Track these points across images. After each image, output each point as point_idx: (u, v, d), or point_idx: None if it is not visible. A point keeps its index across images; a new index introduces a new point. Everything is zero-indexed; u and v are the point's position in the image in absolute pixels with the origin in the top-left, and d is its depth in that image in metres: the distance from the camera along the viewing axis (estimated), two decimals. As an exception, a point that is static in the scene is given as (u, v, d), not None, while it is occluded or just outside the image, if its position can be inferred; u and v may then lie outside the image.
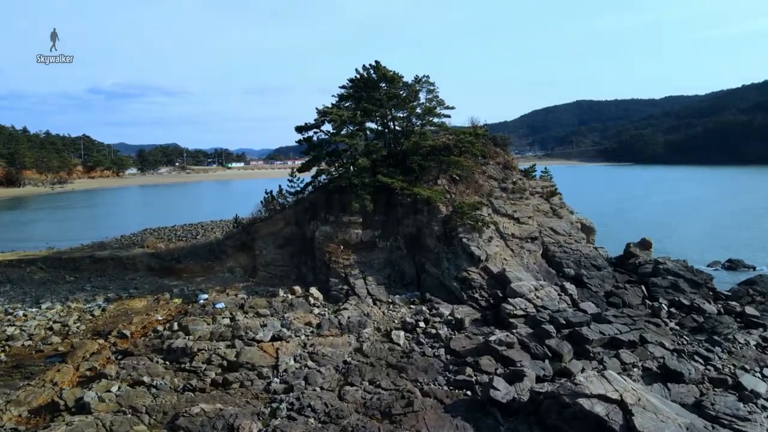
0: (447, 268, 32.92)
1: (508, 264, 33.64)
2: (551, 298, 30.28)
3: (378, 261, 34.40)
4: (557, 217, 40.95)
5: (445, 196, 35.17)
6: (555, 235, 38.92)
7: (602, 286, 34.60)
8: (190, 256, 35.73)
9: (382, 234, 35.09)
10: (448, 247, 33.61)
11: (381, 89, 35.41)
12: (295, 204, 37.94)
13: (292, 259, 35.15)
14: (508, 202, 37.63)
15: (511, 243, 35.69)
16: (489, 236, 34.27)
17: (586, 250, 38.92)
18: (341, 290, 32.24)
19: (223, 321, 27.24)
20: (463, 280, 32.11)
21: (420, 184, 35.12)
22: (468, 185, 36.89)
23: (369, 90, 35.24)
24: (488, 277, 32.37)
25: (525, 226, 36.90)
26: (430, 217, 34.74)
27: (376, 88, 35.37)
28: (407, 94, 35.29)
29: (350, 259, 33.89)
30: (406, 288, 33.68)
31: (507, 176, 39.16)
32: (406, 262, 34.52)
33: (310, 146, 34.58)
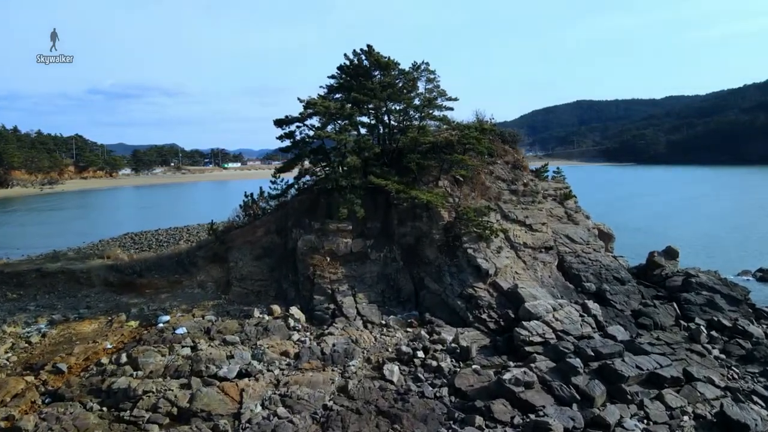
0: (450, 284, 28.38)
1: (521, 278, 29.12)
2: (572, 321, 25.75)
3: (370, 275, 29.85)
4: (573, 223, 36.44)
5: (447, 199, 30.64)
6: (571, 243, 34.41)
7: (628, 303, 30.10)
8: (155, 268, 31.21)
9: (375, 244, 30.54)
10: (451, 259, 29.06)
11: (374, 78, 30.88)
12: (276, 209, 33.38)
13: (271, 272, 30.58)
14: (518, 207, 33.11)
15: (523, 254, 31.18)
16: (498, 246, 29.76)
17: (607, 260, 34.41)
18: (327, 310, 27.69)
19: (182, 351, 22.70)
20: (468, 298, 27.58)
21: (418, 186, 30.59)
22: (473, 187, 32.37)
23: (360, 78, 30.69)
24: (498, 295, 27.85)
25: (538, 234, 32.38)
26: (430, 224, 30.21)
27: (369, 76, 30.84)
28: (404, 83, 30.75)
29: (338, 273, 29.34)
30: (403, 306, 29.15)
31: (517, 177, 34.65)
32: (403, 276, 29.97)
33: (292, 143, 30.01)
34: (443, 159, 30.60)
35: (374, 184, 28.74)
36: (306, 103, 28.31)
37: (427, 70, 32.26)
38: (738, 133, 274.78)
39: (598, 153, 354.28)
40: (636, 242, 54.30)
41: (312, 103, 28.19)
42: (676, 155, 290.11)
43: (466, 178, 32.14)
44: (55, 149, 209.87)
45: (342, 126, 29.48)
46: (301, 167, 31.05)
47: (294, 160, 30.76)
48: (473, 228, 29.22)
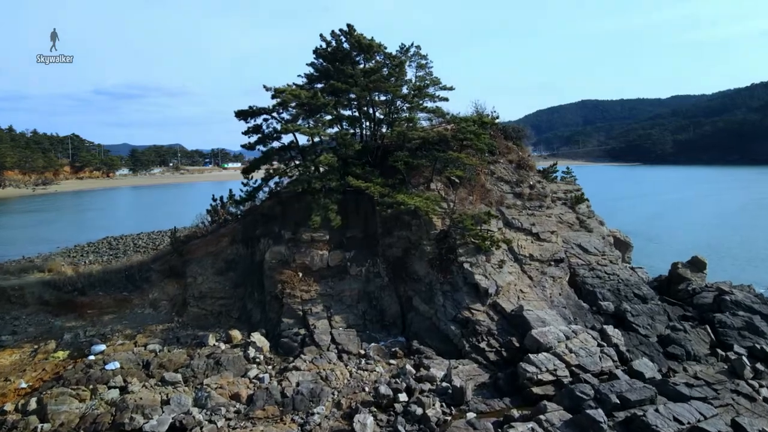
0: (442, 305, 23.96)
1: (527, 298, 24.68)
2: (589, 352, 21.28)
3: (350, 293, 25.46)
4: (586, 230, 31.97)
5: (441, 205, 26.21)
6: (584, 254, 29.95)
7: (653, 326, 25.61)
8: (101, 284, 26.91)
9: (357, 256, 26.14)
10: (444, 276, 24.63)
11: (357, 63, 26.46)
12: (244, 215, 28.97)
13: (235, 289, 26.22)
14: (523, 213, 28.65)
15: (530, 268, 26.73)
16: (500, 259, 25.31)
17: (625, 273, 29.94)
18: (296, 336, 23.33)
19: (108, 394, 18.37)
20: (464, 323, 23.17)
21: (406, 188, 26.19)
22: (471, 190, 27.94)
23: (339, 64, 26.30)
24: (499, 318, 23.43)
25: (547, 245, 27.91)
26: (420, 234, 25.80)
27: (350, 61, 26.44)
28: (390, 69, 26.30)
29: (311, 291, 24.97)
30: (387, 331, 24.78)
31: (522, 178, 30.18)
32: (388, 294, 25.57)
33: (259, 138, 25.59)
34: (436, 157, 26.15)
35: (354, 187, 24.33)
36: (274, 91, 23.88)
37: (418, 54, 27.88)
38: (747, 132, 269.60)
39: (603, 153, 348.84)
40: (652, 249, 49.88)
41: (280, 91, 23.78)
42: (683, 155, 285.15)
43: (463, 180, 27.71)
44: (51, 149, 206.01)
45: (317, 119, 25.07)
46: (270, 167, 26.64)
47: (262, 159, 26.35)
48: (470, 238, 24.80)
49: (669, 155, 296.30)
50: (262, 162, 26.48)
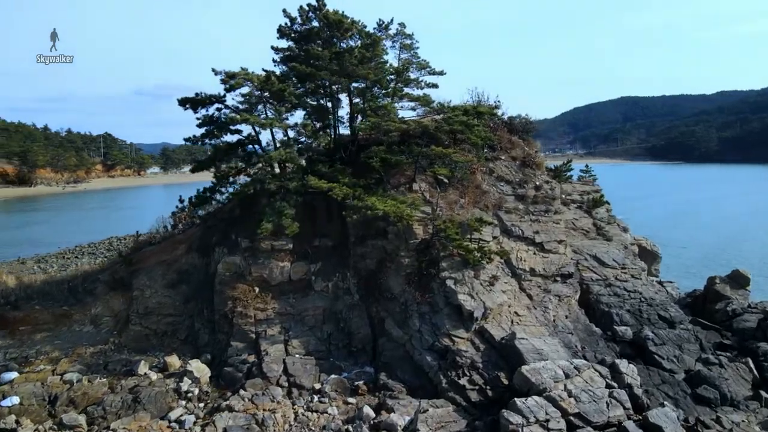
0: (417, 331, 19.96)
1: (523, 323, 20.44)
2: (594, 396, 16.99)
3: (313, 313, 21.72)
4: (604, 239, 27.42)
5: (424, 209, 22.17)
6: (600, 267, 25.44)
7: (681, 359, 21.05)
8: (39, 296, 23.93)
9: (324, 269, 22.37)
10: (423, 294, 20.61)
11: (330, 43, 22.63)
12: (204, 219, 25.48)
13: (186, 305, 22.77)
14: (526, 219, 24.36)
15: (530, 285, 22.46)
16: (492, 275, 21.14)
17: (650, 290, 25.32)
18: (242, 365, 19.72)
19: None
20: (442, 353, 19.15)
21: (384, 189, 22.28)
22: (464, 192, 23.81)
23: (305, 43, 22.55)
24: (486, 348, 19.29)
25: (553, 257, 23.57)
26: (397, 244, 21.84)
27: (321, 41, 22.64)
28: (361, 49, 22.33)
29: (268, 310, 21.33)
30: (355, 358, 20.94)
31: (527, 178, 25.85)
32: (358, 315, 21.70)
33: (207, 131, 22.00)
34: (416, 153, 22.14)
35: (315, 188, 20.55)
36: (224, 74, 20.26)
37: (402, 33, 23.91)
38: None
39: (643, 151, 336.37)
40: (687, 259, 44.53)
41: (231, 75, 20.14)
42: (729, 153, 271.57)
43: (453, 180, 23.61)
44: (84, 148, 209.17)
45: (277, 108, 21.37)
46: (218, 165, 23.03)
47: (213, 157, 22.74)
48: (457, 250, 20.72)
49: (714, 153, 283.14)
50: (213, 161, 22.84)
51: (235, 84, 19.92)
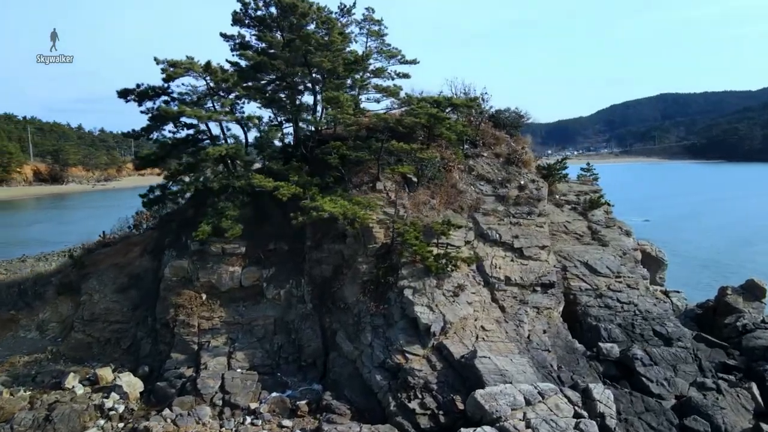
0: (369, 345, 18.00)
1: (490, 338, 18.25)
2: (557, 427, 14.76)
3: (263, 323, 20.00)
4: (599, 243, 24.93)
5: (387, 211, 20.18)
6: (592, 276, 22.99)
7: (672, 382, 18.57)
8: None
9: (277, 275, 20.61)
10: (378, 305, 18.64)
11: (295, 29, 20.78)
12: (161, 220, 23.99)
13: (134, 312, 21.33)
14: (506, 221, 22.09)
15: (504, 295, 20.22)
16: (458, 284, 18.99)
17: (648, 302, 22.75)
18: (178, 379, 18.14)
19: None
20: (394, 372, 17.14)
21: (343, 189, 20.40)
22: (436, 192, 21.71)
23: (264, 30, 20.76)
24: (444, 367, 17.20)
25: (533, 264, 21.24)
26: (356, 249, 19.93)
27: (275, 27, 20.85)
28: (325, 35, 20.43)
29: (214, 319, 19.70)
30: (304, 374, 19.13)
31: (511, 177, 23.54)
32: (310, 326, 19.86)
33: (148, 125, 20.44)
34: (377, 149, 20.14)
35: (260, 187, 18.78)
36: (166, 64, 18.67)
37: (371, 19, 21.95)
38: None
39: (682, 150, 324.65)
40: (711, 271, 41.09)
41: (173, 63, 18.54)
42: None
43: (423, 178, 21.54)
44: (115, 146, 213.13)
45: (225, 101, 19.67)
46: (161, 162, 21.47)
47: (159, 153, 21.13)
48: (419, 256, 18.67)
49: (757, 152, 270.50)
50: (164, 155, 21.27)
51: (174, 73, 18.32)
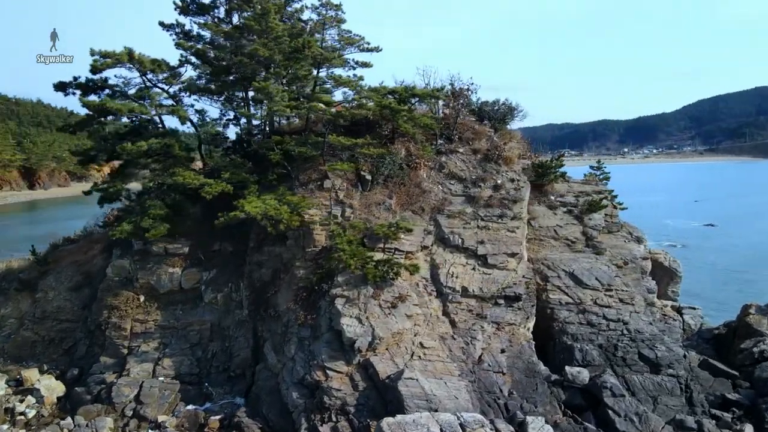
0: (291, 359, 16.44)
1: (428, 356, 16.20)
2: (470, 468, 12.56)
3: (199, 328, 18.90)
4: (593, 251, 22.03)
5: (331, 211, 18.52)
6: (576, 288, 20.23)
7: (645, 420, 15.83)
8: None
9: (217, 277, 19.43)
10: (307, 315, 17.02)
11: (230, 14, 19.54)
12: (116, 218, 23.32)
13: (84, 310, 20.83)
14: (472, 225, 19.78)
15: (458, 308, 18.01)
16: (398, 294, 17.00)
17: (641, 320, 19.75)
18: (98, 384, 17.37)
19: None
20: (312, 389, 15.47)
21: (288, 188, 18.92)
22: (394, 191, 19.78)
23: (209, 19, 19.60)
24: (367, 387, 15.36)
25: (498, 274, 18.82)
26: (295, 252, 18.40)
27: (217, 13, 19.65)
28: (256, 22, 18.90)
29: (149, 322, 18.80)
30: (231, 385, 17.87)
31: (486, 175, 21.15)
32: (243, 334, 18.57)
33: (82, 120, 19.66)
34: (314, 143, 18.48)
35: (187, 184, 17.63)
36: (99, 55, 17.88)
37: (328, 4, 20.30)
38: None
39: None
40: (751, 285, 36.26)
41: (105, 54, 17.73)
42: None
43: (377, 176, 19.67)
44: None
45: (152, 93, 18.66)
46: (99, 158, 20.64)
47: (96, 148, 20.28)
48: (353, 261, 16.89)
49: None
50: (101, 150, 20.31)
51: (102, 65, 17.50)
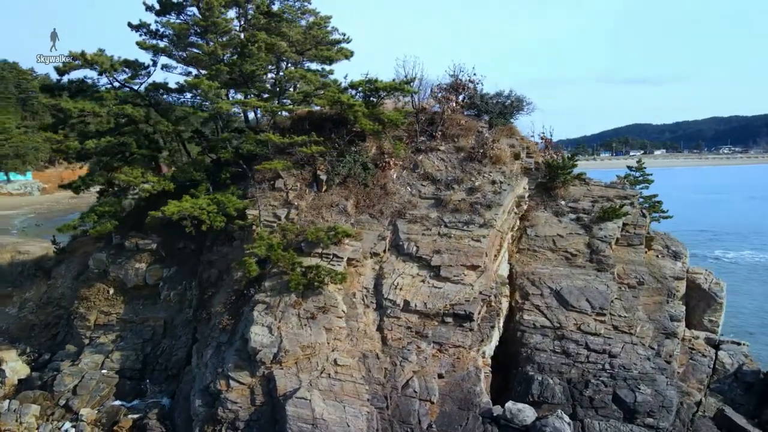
0: (205, 364, 15.90)
1: (338, 375, 14.79)
2: None
3: (153, 324, 19.19)
4: (595, 267, 18.75)
5: (278, 212, 17.70)
6: (559, 309, 17.37)
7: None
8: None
9: (176, 275, 19.52)
10: (230, 319, 16.40)
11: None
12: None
13: (78, 299, 22.18)
14: (433, 231, 17.74)
15: (394, 323, 16.19)
16: (322, 305, 15.72)
17: (635, 354, 16.52)
18: (54, 372, 18.31)
19: None
20: (213, 398, 14.82)
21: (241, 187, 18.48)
22: (354, 191, 18.43)
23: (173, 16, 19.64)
24: (264, 403, 14.37)
25: (450, 288, 16.60)
26: (239, 253, 17.85)
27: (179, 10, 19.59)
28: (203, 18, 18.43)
29: (111, 315, 19.46)
30: (166, 384, 17.79)
31: (465, 176, 18.88)
32: (186, 333, 18.42)
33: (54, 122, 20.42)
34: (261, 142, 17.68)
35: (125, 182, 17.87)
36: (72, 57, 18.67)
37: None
38: None
39: None
40: None
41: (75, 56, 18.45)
42: None
43: (332, 176, 18.42)
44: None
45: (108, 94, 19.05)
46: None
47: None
48: (282, 265, 16.00)
49: None
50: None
51: (66, 66, 18.27)
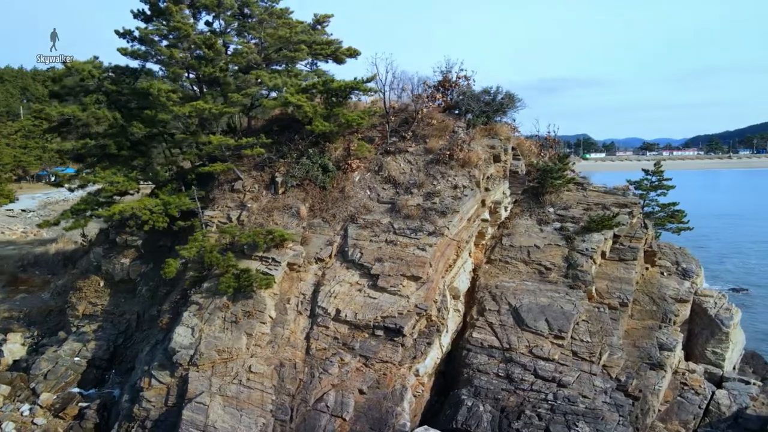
0: (140, 361, 16.37)
1: (248, 383, 14.52)
2: None
3: (129, 317, 20.13)
4: (568, 284, 16.73)
5: (232, 214, 17.79)
6: (512, 329, 15.79)
7: None
8: (42, 263, 28.27)
9: (151, 271, 20.29)
10: (171, 317, 16.73)
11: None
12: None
13: (90, 289, 23.88)
14: (381, 238, 16.78)
15: (322, 333, 15.53)
16: (249, 310, 15.52)
17: (588, 386, 14.69)
18: (39, 355, 19.79)
19: None
20: (135, 395, 15.22)
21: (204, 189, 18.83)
22: (311, 194, 18.03)
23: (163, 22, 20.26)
24: (174, 405, 14.48)
25: (385, 299, 15.57)
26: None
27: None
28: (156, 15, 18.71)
29: (97, 307, 20.70)
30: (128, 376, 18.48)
31: (428, 179, 17.66)
32: (151, 328, 19.00)
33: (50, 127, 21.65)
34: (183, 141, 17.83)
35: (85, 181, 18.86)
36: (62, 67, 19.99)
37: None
38: None
39: None
40: None
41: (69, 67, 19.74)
42: None
43: (288, 179, 18.09)
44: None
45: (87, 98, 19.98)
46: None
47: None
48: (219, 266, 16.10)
49: None
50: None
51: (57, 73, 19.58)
